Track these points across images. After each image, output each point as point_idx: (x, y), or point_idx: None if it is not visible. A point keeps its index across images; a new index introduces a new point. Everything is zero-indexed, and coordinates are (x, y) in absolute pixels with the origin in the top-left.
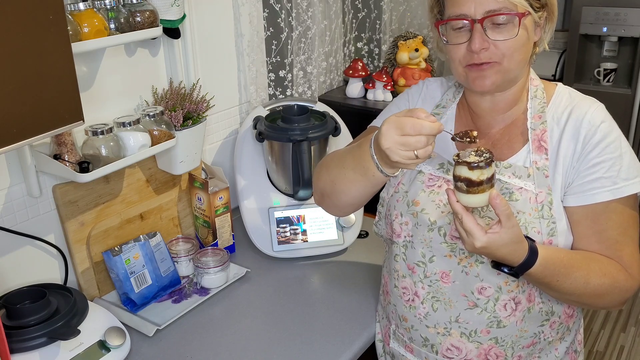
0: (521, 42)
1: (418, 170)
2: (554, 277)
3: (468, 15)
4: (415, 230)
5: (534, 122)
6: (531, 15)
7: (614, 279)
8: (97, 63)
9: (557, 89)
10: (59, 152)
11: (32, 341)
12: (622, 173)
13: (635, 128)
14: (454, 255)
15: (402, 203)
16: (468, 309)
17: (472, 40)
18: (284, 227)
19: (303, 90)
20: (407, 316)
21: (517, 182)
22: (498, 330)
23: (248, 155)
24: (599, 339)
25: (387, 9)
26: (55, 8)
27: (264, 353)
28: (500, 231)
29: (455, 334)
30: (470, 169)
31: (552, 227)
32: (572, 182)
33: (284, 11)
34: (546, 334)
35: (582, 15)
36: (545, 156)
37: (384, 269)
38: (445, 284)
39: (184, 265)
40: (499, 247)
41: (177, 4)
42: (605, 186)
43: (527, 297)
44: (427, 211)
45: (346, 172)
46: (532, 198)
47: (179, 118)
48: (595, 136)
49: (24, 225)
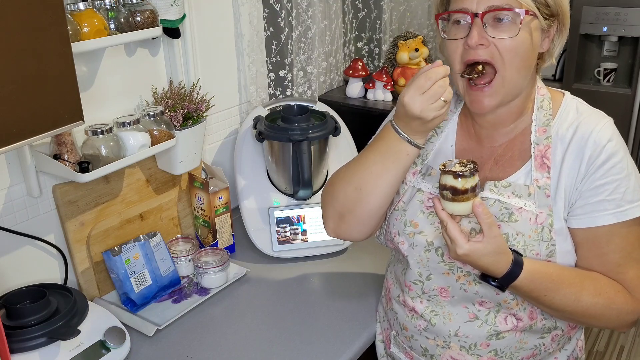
0: (523, 45)
1: (417, 188)
2: (542, 291)
3: (469, 10)
4: (410, 251)
5: (538, 137)
6: (537, 20)
7: (610, 300)
8: (97, 63)
9: (564, 100)
10: (59, 152)
11: (32, 341)
12: (627, 195)
13: (635, 128)
14: (452, 273)
15: (399, 222)
16: (468, 322)
17: (469, 35)
18: (284, 227)
19: (303, 90)
20: (408, 326)
21: (516, 201)
22: (497, 342)
23: (248, 155)
24: (599, 339)
25: (387, 8)
26: (55, 8)
27: (264, 353)
28: (483, 240)
29: (455, 347)
30: (455, 178)
31: (551, 249)
32: (574, 203)
33: (284, 11)
34: (547, 346)
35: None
36: (547, 174)
37: (387, 272)
38: (444, 298)
39: (184, 265)
40: (481, 256)
41: (177, 4)
42: (609, 209)
43: (529, 314)
44: (426, 233)
45: (372, 169)
46: (532, 219)
47: (179, 118)
48: (601, 157)
49: (24, 225)
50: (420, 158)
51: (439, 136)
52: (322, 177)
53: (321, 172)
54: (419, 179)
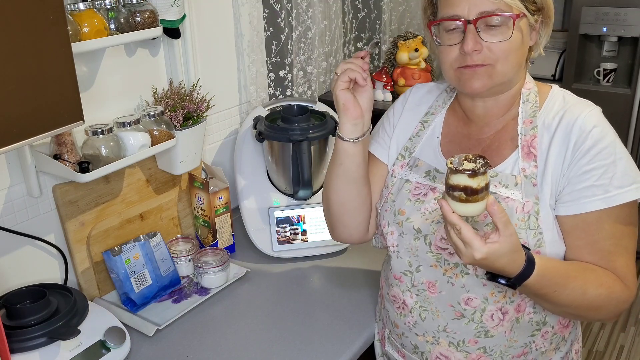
0: (516, 44)
1: (405, 179)
2: (552, 287)
3: (461, 16)
4: (400, 240)
5: (524, 128)
6: (526, 17)
7: (610, 289)
8: (97, 63)
9: (551, 92)
10: (59, 152)
11: (32, 341)
12: (615, 180)
13: (635, 128)
14: (440, 265)
15: (389, 213)
16: (455, 319)
17: (464, 41)
18: (284, 227)
19: (303, 90)
20: (398, 323)
21: (503, 191)
22: (486, 340)
23: (248, 155)
24: (599, 339)
25: (387, 9)
26: (55, 8)
27: (264, 353)
28: (500, 240)
29: (444, 343)
30: (471, 177)
31: (539, 237)
32: (562, 190)
33: (284, 11)
34: (538, 344)
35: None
36: (534, 163)
37: (382, 271)
38: (432, 294)
39: (184, 265)
40: (499, 257)
41: (177, 4)
42: (597, 195)
43: (516, 307)
44: (412, 219)
45: (332, 169)
46: (518, 208)
47: (179, 118)
48: (586, 142)
49: (24, 225)
50: (408, 151)
51: (426, 130)
52: (322, 177)
53: (321, 172)
54: (406, 171)
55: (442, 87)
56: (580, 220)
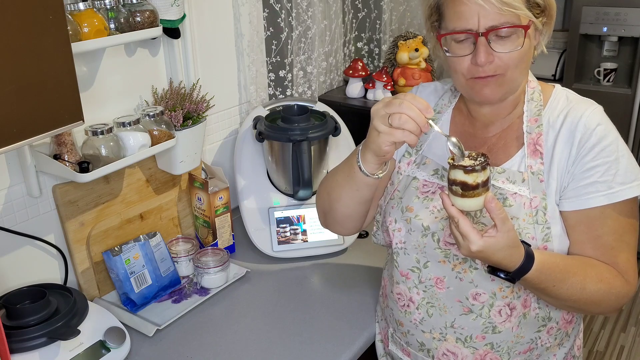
0: (525, 51)
1: (413, 176)
2: (550, 282)
3: (472, 30)
4: (408, 237)
5: (529, 126)
6: (534, 23)
7: (610, 285)
8: (97, 63)
9: (554, 91)
10: (59, 152)
11: (32, 341)
12: (618, 177)
13: (635, 128)
14: (448, 261)
15: (396, 209)
16: (463, 315)
17: (477, 54)
18: (284, 227)
19: (303, 90)
20: (403, 321)
21: (511, 187)
22: (493, 336)
23: (248, 155)
24: (599, 339)
25: (387, 8)
26: (55, 8)
27: (264, 353)
28: (497, 235)
29: (451, 339)
30: (466, 173)
31: (546, 232)
32: (566, 186)
33: (284, 11)
34: (543, 340)
35: (582, 15)
36: (540, 160)
37: (384, 271)
38: (439, 289)
39: (184, 265)
40: (495, 251)
41: (177, 4)
42: (600, 191)
43: (523, 302)
44: (421, 217)
45: (337, 177)
46: (526, 203)
47: (179, 118)
48: (591, 139)
49: (24, 225)
50: (415, 149)
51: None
52: (322, 177)
53: (321, 172)
54: (413, 168)
55: (447, 86)
56: (583, 216)
